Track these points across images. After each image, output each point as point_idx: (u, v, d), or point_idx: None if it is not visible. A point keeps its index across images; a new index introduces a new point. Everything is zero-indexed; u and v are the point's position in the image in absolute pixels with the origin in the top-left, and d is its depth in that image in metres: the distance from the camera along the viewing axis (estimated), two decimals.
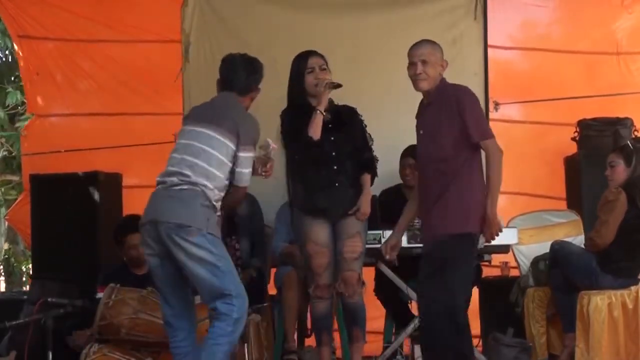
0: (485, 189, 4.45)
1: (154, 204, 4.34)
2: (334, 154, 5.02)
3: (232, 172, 4.40)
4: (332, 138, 5.02)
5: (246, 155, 4.41)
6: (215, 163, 4.34)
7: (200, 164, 4.32)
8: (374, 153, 5.23)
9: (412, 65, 4.58)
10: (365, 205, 5.03)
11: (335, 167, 5.01)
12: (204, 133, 4.38)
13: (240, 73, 4.57)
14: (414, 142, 6.10)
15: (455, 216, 4.40)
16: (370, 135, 5.22)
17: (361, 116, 5.23)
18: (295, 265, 5.71)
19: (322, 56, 5.16)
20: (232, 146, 4.37)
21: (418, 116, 4.71)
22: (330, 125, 5.03)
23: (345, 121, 5.11)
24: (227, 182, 4.39)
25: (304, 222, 5.05)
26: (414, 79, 4.57)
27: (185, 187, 4.29)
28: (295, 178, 5.14)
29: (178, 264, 4.28)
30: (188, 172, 4.29)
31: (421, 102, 4.71)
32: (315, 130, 4.96)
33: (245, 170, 4.41)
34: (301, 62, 5.13)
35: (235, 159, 4.39)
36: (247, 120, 4.51)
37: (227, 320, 4.22)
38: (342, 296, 5.03)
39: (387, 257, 4.82)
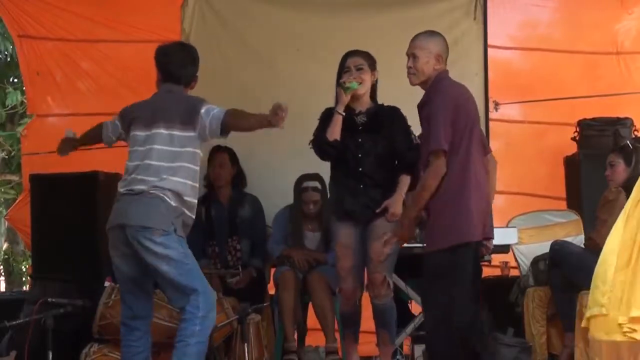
0: (478, 195, 4.33)
1: (121, 209, 4.41)
2: (360, 155, 4.95)
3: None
4: (360, 140, 4.96)
5: (204, 109, 4.43)
6: (184, 158, 4.39)
7: (165, 166, 4.37)
8: None
9: (407, 57, 4.49)
10: (395, 206, 4.90)
11: (360, 169, 4.96)
12: (163, 134, 4.41)
13: (188, 68, 4.58)
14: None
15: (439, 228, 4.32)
16: (415, 136, 5.04)
17: (403, 116, 5.09)
18: (292, 266, 5.72)
19: (364, 55, 5.06)
20: (194, 134, 4.41)
21: (419, 110, 4.57)
22: (360, 127, 4.98)
23: (383, 122, 5.00)
24: (197, 168, 4.44)
25: (335, 225, 5.06)
26: (407, 73, 4.49)
27: (152, 191, 4.33)
28: (331, 181, 5.15)
29: (144, 265, 4.34)
30: (153, 178, 4.35)
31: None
32: (332, 132, 4.92)
33: (214, 114, 4.43)
34: (341, 62, 5.07)
35: (202, 127, 4.41)
36: (189, 99, 4.54)
37: (193, 320, 4.27)
38: (370, 298, 4.98)
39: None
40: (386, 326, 5.00)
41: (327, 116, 5.04)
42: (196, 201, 4.50)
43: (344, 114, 4.93)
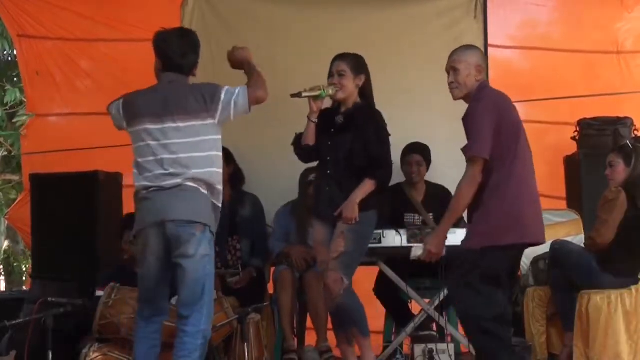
0: (520, 201, 4.33)
1: (156, 205, 4.31)
2: (329, 158, 5.01)
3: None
4: (329, 142, 5.01)
5: (224, 93, 4.44)
6: (210, 147, 4.38)
7: (195, 157, 4.33)
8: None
9: (447, 73, 4.52)
10: (347, 209, 4.85)
11: (328, 172, 5.01)
12: (180, 126, 4.35)
13: (189, 56, 4.53)
14: (415, 139, 6.14)
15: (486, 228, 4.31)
16: (384, 137, 5.03)
17: (377, 116, 5.07)
18: (290, 265, 5.73)
19: (347, 60, 5.08)
20: (213, 121, 4.39)
21: (464, 122, 4.52)
22: (333, 130, 5.02)
23: (357, 122, 5.00)
24: (221, 154, 4.43)
25: (314, 224, 5.15)
26: (449, 88, 4.51)
27: (187, 184, 4.29)
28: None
29: (173, 263, 4.31)
30: (184, 170, 4.30)
31: None
32: (304, 137, 5.08)
33: (239, 94, 4.47)
34: (330, 66, 5.13)
35: (225, 111, 4.41)
36: (203, 87, 4.51)
37: (196, 335, 4.29)
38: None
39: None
40: (353, 323, 4.98)
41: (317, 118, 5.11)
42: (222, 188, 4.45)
43: (315, 121, 5.04)
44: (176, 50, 4.49)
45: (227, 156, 5.99)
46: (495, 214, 4.28)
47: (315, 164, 5.31)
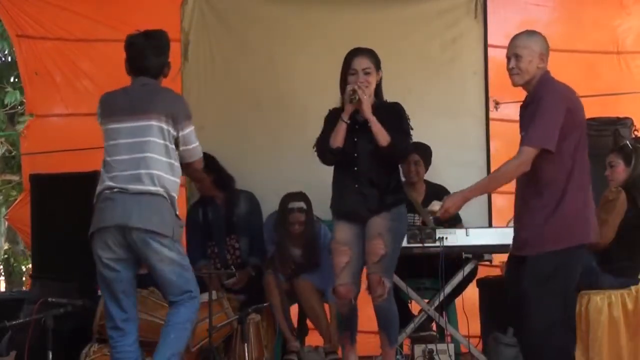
0: (586, 198, 4.30)
1: (119, 209, 4.32)
2: (355, 155, 4.92)
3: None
4: (355, 139, 4.92)
5: (188, 130, 4.43)
6: (164, 152, 4.37)
7: (154, 158, 4.34)
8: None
9: (507, 59, 4.40)
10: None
11: (356, 169, 4.93)
12: (142, 125, 4.36)
13: (151, 59, 4.48)
14: (415, 139, 6.11)
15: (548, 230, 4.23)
16: (408, 129, 4.99)
17: (401, 111, 5.03)
18: (275, 269, 5.74)
19: (370, 56, 4.99)
20: (171, 130, 4.38)
21: (520, 114, 4.44)
22: (357, 127, 4.93)
23: (381, 119, 4.90)
24: (178, 164, 4.44)
25: (334, 223, 5.04)
26: (509, 74, 4.41)
27: (151, 189, 4.31)
28: (333, 181, 5.09)
29: (146, 265, 4.38)
30: (146, 178, 4.31)
31: (525, 99, 4.45)
32: (335, 139, 4.90)
33: (191, 146, 4.45)
34: (347, 61, 4.99)
35: (178, 140, 4.41)
36: (175, 99, 4.49)
37: (191, 307, 4.36)
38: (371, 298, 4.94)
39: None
40: (385, 328, 4.94)
41: (331, 118, 5.00)
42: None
43: (348, 121, 4.90)
44: (139, 54, 4.48)
45: (207, 164, 5.91)
46: (570, 212, 4.21)
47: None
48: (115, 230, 4.33)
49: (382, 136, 4.83)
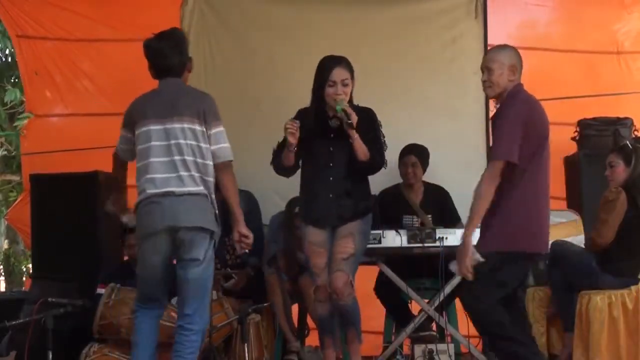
0: (535, 206, 4.37)
1: (169, 211, 4.34)
2: (331, 164, 4.94)
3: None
4: (331, 148, 4.94)
5: (217, 130, 4.43)
6: (198, 153, 4.39)
7: (190, 160, 4.36)
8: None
9: (481, 71, 4.53)
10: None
11: (331, 179, 4.94)
12: (175, 128, 4.37)
13: (171, 57, 4.50)
14: (413, 141, 6.13)
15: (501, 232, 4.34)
16: (382, 139, 5.02)
17: (374, 118, 5.03)
18: (277, 268, 5.73)
19: (347, 66, 4.95)
20: (204, 130, 4.41)
21: (491, 122, 4.62)
22: (332, 135, 4.94)
23: (358, 126, 4.88)
24: (211, 164, 4.45)
25: (305, 228, 5.05)
26: (482, 87, 4.54)
27: (192, 190, 4.36)
28: (301, 184, 5.10)
29: (174, 266, 4.39)
30: (187, 179, 4.35)
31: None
32: (288, 160, 4.95)
33: (218, 146, 4.43)
34: (323, 70, 4.95)
35: (209, 139, 4.41)
36: (204, 98, 4.51)
37: (198, 334, 4.36)
38: (333, 299, 4.92)
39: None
40: (354, 324, 4.97)
41: (303, 124, 4.94)
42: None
43: (295, 150, 4.90)
44: (159, 55, 4.51)
45: None
46: (518, 220, 4.31)
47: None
48: (165, 233, 4.35)
49: (362, 151, 4.86)
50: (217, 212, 4.47)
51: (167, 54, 4.48)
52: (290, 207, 5.75)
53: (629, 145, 5.45)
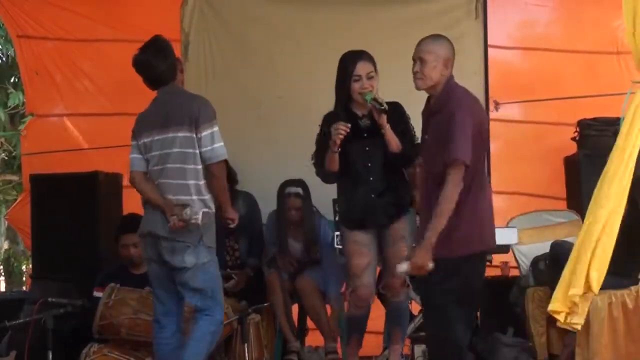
0: (490, 207, 4.32)
1: (151, 217, 4.49)
2: (369, 164, 4.88)
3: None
4: (367, 148, 4.88)
5: (207, 132, 4.44)
6: (192, 160, 4.44)
7: (182, 168, 4.43)
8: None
9: (413, 61, 4.38)
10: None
11: (371, 179, 4.89)
12: (168, 138, 4.46)
13: (158, 67, 4.55)
14: (415, 140, 6.12)
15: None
16: (412, 131, 4.98)
17: (403, 111, 5.02)
18: (277, 268, 5.74)
19: (371, 60, 4.94)
20: (192, 134, 4.44)
21: (424, 116, 4.43)
22: (365, 134, 4.89)
23: (390, 123, 4.86)
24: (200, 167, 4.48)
25: (346, 232, 4.98)
26: (413, 77, 4.39)
27: (182, 199, 4.41)
28: (338, 189, 5.04)
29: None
30: (167, 186, 4.43)
31: (427, 100, 4.42)
32: (332, 166, 4.86)
33: (205, 148, 4.44)
34: (346, 64, 4.91)
35: (199, 142, 4.44)
36: (193, 103, 4.52)
37: (211, 321, 4.45)
38: (387, 297, 4.98)
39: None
40: (401, 324, 5.01)
41: (328, 125, 4.89)
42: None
43: (338, 150, 4.81)
44: (145, 69, 4.59)
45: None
46: (472, 220, 4.22)
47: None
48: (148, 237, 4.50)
49: (395, 143, 4.82)
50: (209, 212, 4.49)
51: (153, 64, 4.54)
52: (281, 190, 5.71)
53: None
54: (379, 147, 4.85)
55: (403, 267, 4.18)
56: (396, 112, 4.95)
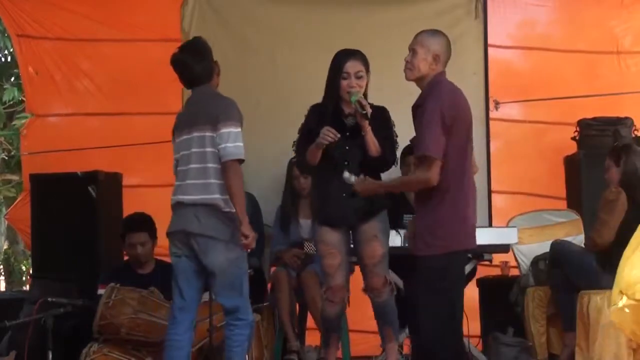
0: (472, 204, 4.34)
1: (183, 217, 4.51)
2: (346, 162, 4.88)
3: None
4: (347, 147, 4.90)
5: (224, 130, 4.44)
6: (206, 159, 4.46)
7: (204, 168, 4.45)
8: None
9: (409, 51, 4.41)
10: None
11: None
12: (191, 138, 4.49)
13: (195, 68, 4.58)
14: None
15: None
16: (395, 138, 5.03)
17: (388, 117, 5.04)
18: (285, 266, 5.74)
19: (362, 59, 4.96)
20: (213, 134, 4.46)
21: (412, 111, 4.46)
22: (348, 133, 4.90)
23: (373, 125, 4.87)
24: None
25: (317, 227, 5.02)
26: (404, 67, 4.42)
27: (206, 199, 4.44)
28: (313, 183, 5.10)
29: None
30: (191, 187, 4.46)
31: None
32: (314, 158, 4.91)
33: (220, 146, 4.44)
34: (338, 62, 4.95)
35: (217, 139, 4.45)
36: (219, 104, 4.56)
37: (245, 326, 4.50)
38: (370, 298, 4.95)
39: None
40: (390, 322, 4.98)
41: (313, 116, 4.98)
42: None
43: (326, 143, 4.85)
44: (183, 68, 4.61)
45: None
46: (451, 220, 4.24)
47: None
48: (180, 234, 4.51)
49: (374, 147, 4.85)
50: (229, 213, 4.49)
51: (189, 64, 4.57)
52: (290, 163, 5.80)
53: (619, 145, 5.47)
54: (359, 148, 4.88)
55: (351, 178, 4.54)
56: (381, 117, 4.97)
